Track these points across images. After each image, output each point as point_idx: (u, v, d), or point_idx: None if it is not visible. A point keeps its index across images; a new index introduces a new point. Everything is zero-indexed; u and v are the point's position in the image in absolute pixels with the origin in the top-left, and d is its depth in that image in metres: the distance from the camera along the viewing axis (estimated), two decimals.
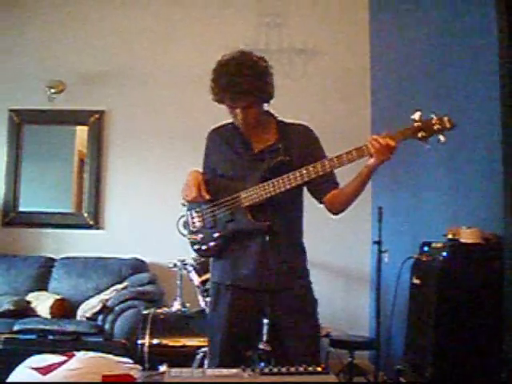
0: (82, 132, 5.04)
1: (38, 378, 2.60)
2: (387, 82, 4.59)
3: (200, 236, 2.24)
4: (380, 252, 3.60)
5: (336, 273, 4.75)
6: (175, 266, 3.60)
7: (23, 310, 4.15)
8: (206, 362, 2.97)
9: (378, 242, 3.61)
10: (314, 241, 2.33)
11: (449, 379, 2.53)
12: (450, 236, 2.77)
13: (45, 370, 2.64)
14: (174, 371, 1.56)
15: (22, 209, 5.00)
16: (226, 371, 1.61)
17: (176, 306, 3.63)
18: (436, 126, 1.99)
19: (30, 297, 4.33)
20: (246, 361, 2.26)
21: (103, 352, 2.96)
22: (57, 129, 5.08)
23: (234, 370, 1.59)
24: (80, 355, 2.80)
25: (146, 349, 3.33)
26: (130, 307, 4.04)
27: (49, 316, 4.13)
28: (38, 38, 5.05)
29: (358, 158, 2.02)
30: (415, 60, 4.01)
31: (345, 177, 2.19)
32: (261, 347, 2.22)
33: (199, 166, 2.37)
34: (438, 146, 2.03)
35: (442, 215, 3.43)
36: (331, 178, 2.19)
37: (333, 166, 2.06)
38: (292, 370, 1.59)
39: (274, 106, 2.28)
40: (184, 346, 3.42)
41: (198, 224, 2.25)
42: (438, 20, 3.59)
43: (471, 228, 2.69)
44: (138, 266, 4.66)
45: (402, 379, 2.88)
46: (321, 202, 2.22)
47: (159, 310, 3.61)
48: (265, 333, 2.20)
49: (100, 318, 4.09)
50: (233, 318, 2.20)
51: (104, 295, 4.25)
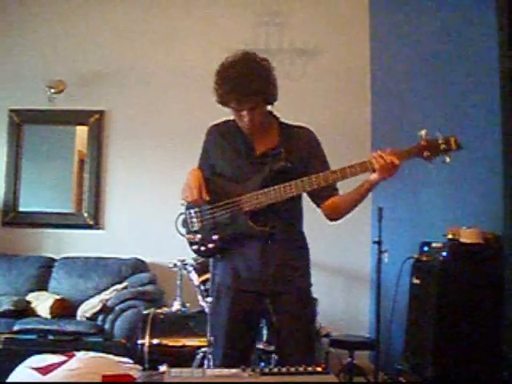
0: (81, 132, 5.03)
1: (38, 378, 2.60)
2: (387, 81, 4.59)
3: (198, 236, 2.24)
4: (380, 252, 3.59)
5: (336, 273, 4.75)
6: (175, 265, 3.59)
7: (23, 310, 4.15)
8: (205, 362, 2.97)
9: (378, 242, 3.60)
10: (314, 241, 2.33)
11: (449, 379, 2.54)
12: (450, 236, 2.77)
13: (45, 370, 2.64)
14: (174, 371, 1.56)
15: (22, 209, 5.00)
16: (226, 371, 1.60)
17: (176, 306, 3.63)
18: (442, 147, 1.98)
19: (30, 297, 4.33)
20: (248, 360, 2.26)
21: (103, 352, 2.96)
22: (57, 129, 5.08)
23: (233, 370, 1.58)
24: (80, 355, 2.81)
25: (146, 349, 3.33)
26: (129, 307, 4.04)
27: (49, 316, 4.12)
28: (38, 37, 5.05)
29: (361, 172, 2.03)
30: (415, 60, 4.01)
31: (344, 182, 2.19)
32: (261, 347, 2.22)
33: None
34: None
35: (442, 215, 3.43)
36: (331, 185, 2.18)
37: (335, 179, 2.07)
38: (292, 370, 1.58)
39: (274, 106, 2.26)
40: (184, 346, 3.42)
41: (196, 224, 2.25)
42: (437, 20, 3.59)
43: (471, 228, 2.69)
44: (138, 265, 4.65)
45: (401, 379, 2.89)
46: (319, 207, 2.22)
47: (159, 310, 3.62)
48: (265, 333, 2.20)
49: (100, 318, 4.09)
50: (233, 318, 2.19)
51: (104, 295, 4.25)
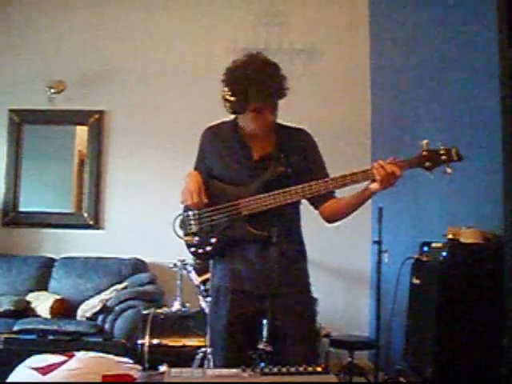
0: (81, 132, 5.04)
1: (38, 378, 2.60)
2: (387, 81, 4.59)
3: (196, 239, 2.24)
4: (380, 252, 3.59)
5: (336, 273, 4.75)
6: (175, 265, 3.60)
7: (23, 310, 4.16)
8: (205, 362, 2.97)
9: (378, 242, 3.60)
10: (314, 241, 2.33)
11: (449, 379, 2.53)
12: (450, 236, 2.77)
13: (45, 370, 2.64)
14: (174, 371, 1.56)
15: (22, 209, 5.00)
16: (226, 371, 1.60)
17: (176, 306, 3.63)
18: (443, 157, 1.98)
19: (29, 297, 4.33)
20: (250, 360, 2.26)
21: (103, 352, 2.97)
22: (57, 129, 5.08)
23: (234, 370, 1.58)
24: (80, 355, 2.81)
25: (145, 349, 3.33)
26: (129, 307, 4.04)
27: (49, 316, 4.13)
28: (38, 38, 5.05)
29: (361, 181, 2.03)
30: (415, 60, 4.01)
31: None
32: (261, 347, 2.21)
33: None
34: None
35: (442, 215, 3.43)
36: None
37: (336, 186, 2.08)
38: (292, 370, 1.58)
39: None
40: (184, 346, 3.42)
41: (194, 226, 2.24)
42: (437, 19, 3.59)
43: (471, 228, 2.69)
44: (138, 265, 4.66)
45: (401, 379, 2.88)
46: (317, 209, 2.23)
47: (159, 310, 3.62)
48: (265, 333, 2.20)
49: (100, 318, 4.09)
50: (233, 319, 2.19)
51: (104, 295, 4.25)
